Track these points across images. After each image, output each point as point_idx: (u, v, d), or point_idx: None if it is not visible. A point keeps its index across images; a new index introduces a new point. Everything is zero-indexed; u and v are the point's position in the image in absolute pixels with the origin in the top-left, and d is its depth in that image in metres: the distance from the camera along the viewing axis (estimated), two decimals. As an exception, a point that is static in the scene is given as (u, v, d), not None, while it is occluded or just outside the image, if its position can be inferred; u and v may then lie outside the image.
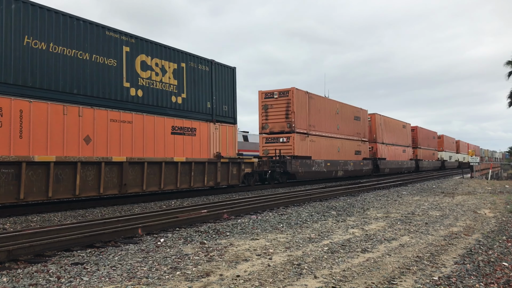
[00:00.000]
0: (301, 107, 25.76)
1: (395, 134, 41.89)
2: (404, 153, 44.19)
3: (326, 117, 28.77)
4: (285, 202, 13.91)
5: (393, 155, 40.68)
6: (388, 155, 39.31)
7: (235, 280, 5.27)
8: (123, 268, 5.87)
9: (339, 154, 30.03)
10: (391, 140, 40.62)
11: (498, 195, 18.03)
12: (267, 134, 25.93)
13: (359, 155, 33.44)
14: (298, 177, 24.95)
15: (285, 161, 23.49)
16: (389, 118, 41.07)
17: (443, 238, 8.15)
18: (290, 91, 25.10)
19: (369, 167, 34.55)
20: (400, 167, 42.14)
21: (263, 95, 26.07)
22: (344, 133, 31.13)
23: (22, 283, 5.20)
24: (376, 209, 12.69)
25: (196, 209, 11.37)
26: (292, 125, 24.96)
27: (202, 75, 18.21)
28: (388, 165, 38.64)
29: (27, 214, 11.95)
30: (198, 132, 17.76)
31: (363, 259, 6.38)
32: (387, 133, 39.86)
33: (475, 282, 5.35)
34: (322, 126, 28.23)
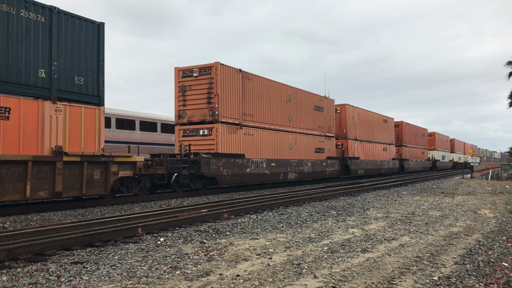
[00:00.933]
0: (230, 90, 19.88)
1: (373, 129, 36.62)
2: (385, 151, 39.07)
3: (271, 105, 22.93)
4: (285, 202, 13.91)
5: (369, 154, 35.44)
6: (362, 154, 34.13)
7: (235, 279, 5.27)
8: (123, 267, 5.86)
9: (292, 152, 24.54)
10: (367, 137, 35.32)
11: (498, 195, 18.03)
12: (184, 125, 20.05)
13: (321, 153, 27.87)
14: (223, 181, 19.12)
15: (198, 161, 17.71)
16: (365, 111, 35.76)
17: (443, 238, 8.14)
18: (213, 67, 19.24)
19: (335, 168, 29.32)
20: (378, 168, 36.93)
21: (180, 73, 20.19)
22: (299, 126, 25.65)
23: (22, 282, 5.20)
24: (376, 209, 12.69)
25: (196, 209, 11.37)
26: (215, 113, 19.06)
27: (29, 27, 12.13)
28: (362, 166, 33.43)
29: (27, 213, 11.95)
30: (16, 115, 11.69)
31: (363, 259, 6.38)
32: (362, 128, 34.60)
33: (475, 282, 5.34)
34: (265, 116, 22.43)
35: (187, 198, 16.64)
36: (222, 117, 19.38)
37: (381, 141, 38.45)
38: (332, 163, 29.06)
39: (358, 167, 32.77)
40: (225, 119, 19.57)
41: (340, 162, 30.25)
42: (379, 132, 38.18)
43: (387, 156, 39.49)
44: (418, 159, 49.92)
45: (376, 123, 37.81)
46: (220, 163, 18.72)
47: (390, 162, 39.90)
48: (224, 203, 12.95)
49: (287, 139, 24.25)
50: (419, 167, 49.49)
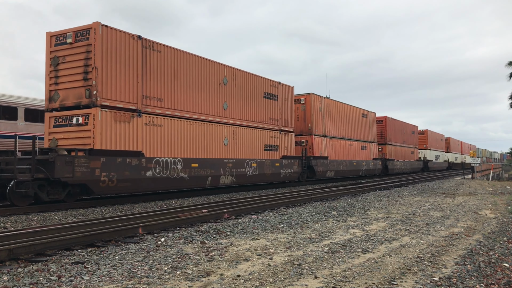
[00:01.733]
0: (121, 62, 14.81)
1: (348, 124, 32.17)
2: (364, 150, 34.43)
3: (194, 88, 17.82)
4: (286, 202, 13.90)
5: (343, 153, 30.92)
6: (334, 153, 29.51)
7: (236, 280, 5.27)
8: (123, 267, 5.87)
9: (228, 150, 19.45)
10: (340, 133, 30.94)
11: (499, 196, 18.01)
12: (55, 111, 14.83)
13: (273, 151, 23.08)
14: (101, 189, 13.69)
15: (51, 160, 12.40)
16: (339, 103, 31.29)
17: (444, 238, 8.14)
18: (91, 30, 14.17)
19: (293, 170, 24.44)
20: (355, 169, 32.31)
21: (52, 40, 14.97)
22: (240, 117, 20.55)
23: (23, 282, 5.21)
24: (377, 210, 12.68)
25: (196, 209, 11.37)
26: (92, 93, 13.92)
27: None
28: (332, 167, 28.73)
29: (28, 213, 11.96)
30: None
31: (363, 259, 6.38)
32: (334, 122, 30.13)
33: (475, 283, 5.34)
34: (183, 102, 17.30)
35: (188, 198, 16.65)
36: (104, 99, 14.14)
37: (359, 139, 33.70)
38: (289, 164, 24.00)
39: (326, 168, 27.84)
40: (110, 102, 14.34)
41: (301, 162, 25.28)
42: (356, 128, 33.45)
43: (366, 156, 34.85)
44: (407, 159, 45.19)
45: (353, 117, 33.05)
46: (94, 163, 13.31)
47: (370, 163, 35.05)
48: (225, 203, 12.95)
49: (220, 132, 19.03)
50: (407, 168, 44.62)
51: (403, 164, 43.71)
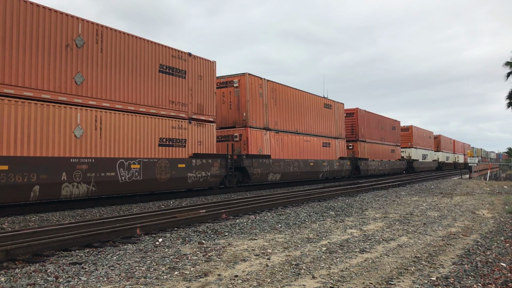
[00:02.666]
0: None
1: (304, 116, 26.72)
2: (326, 148, 29.20)
3: (17, 48, 12.01)
4: (284, 202, 13.91)
5: (296, 151, 25.48)
6: (281, 151, 23.94)
7: (233, 280, 5.28)
8: (121, 268, 5.86)
9: (83, 144, 13.53)
10: (292, 126, 25.33)
11: (496, 195, 18.06)
12: None
13: (177, 147, 17.01)
14: None
15: None
16: (290, 89, 25.56)
17: (441, 238, 8.16)
18: None
19: (211, 173, 18.43)
20: (311, 171, 26.63)
21: None
22: (110, 97, 14.57)
23: (20, 282, 5.20)
24: (375, 210, 12.70)
25: (194, 209, 11.37)
26: None
27: None
28: (277, 168, 22.94)
29: (25, 214, 11.93)
30: None
31: (361, 260, 6.39)
32: (283, 113, 24.57)
33: (473, 282, 5.35)
34: None
35: (186, 199, 16.64)
36: None
37: (320, 134, 28.48)
38: (203, 165, 18.05)
39: (268, 169, 22.14)
40: None
41: (225, 162, 19.41)
42: (317, 121, 28.16)
43: (330, 154, 29.61)
44: (385, 158, 39.61)
45: (312, 107, 27.61)
46: None
47: (334, 163, 29.57)
48: (223, 203, 12.95)
49: (68, 118, 13.14)
50: (386, 168, 39.02)
51: (381, 164, 37.84)
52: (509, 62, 42.90)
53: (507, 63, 43.07)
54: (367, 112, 36.49)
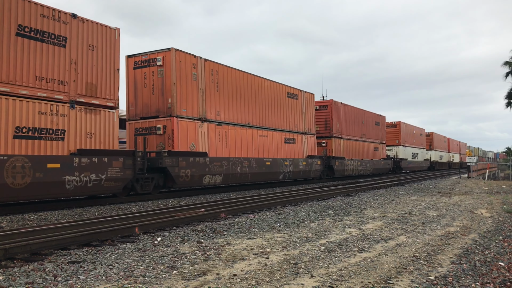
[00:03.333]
0: None
1: (259, 106, 22.30)
2: (290, 145, 24.92)
3: None
4: (283, 202, 13.91)
5: (245, 148, 20.96)
6: (224, 147, 19.47)
7: (232, 279, 5.28)
8: (119, 267, 5.86)
9: None
10: (240, 117, 20.81)
11: (495, 195, 18.09)
12: None
13: (52, 140, 12.77)
14: None
15: None
16: (239, 72, 20.99)
17: (440, 238, 8.17)
18: None
19: (109, 175, 13.90)
20: (268, 172, 22.20)
21: None
22: None
23: (19, 281, 5.19)
24: (373, 209, 12.71)
25: (193, 208, 11.37)
26: None
27: None
28: (215, 169, 18.37)
29: (24, 213, 11.92)
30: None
31: (360, 259, 6.39)
32: (228, 101, 20.01)
33: (471, 281, 5.36)
34: None
35: (184, 198, 16.63)
36: None
37: (281, 128, 24.27)
38: (94, 165, 13.50)
39: (202, 171, 17.55)
40: None
41: (131, 162, 14.73)
42: (278, 113, 23.96)
43: (295, 152, 25.53)
44: (367, 157, 35.61)
45: (270, 97, 23.27)
46: None
47: (300, 162, 25.19)
48: (221, 202, 12.95)
49: None
50: (367, 168, 34.83)
51: (360, 164, 33.73)
52: (508, 61, 42.96)
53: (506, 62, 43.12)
54: (344, 105, 32.18)
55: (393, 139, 43.98)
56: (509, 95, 45.05)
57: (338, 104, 31.50)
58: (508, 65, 43.09)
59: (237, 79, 20.98)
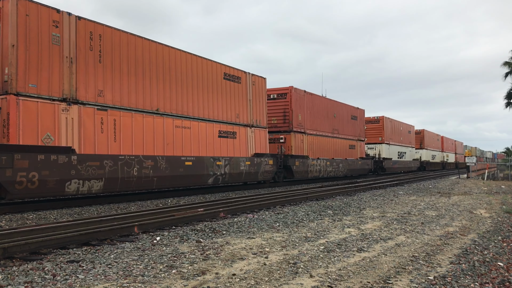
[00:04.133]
0: None
1: (174, 88, 16.98)
2: (228, 139, 19.84)
3: None
4: (282, 201, 13.91)
5: (151, 142, 15.78)
6: (104, 142, 14.14)
7: (231, 278, 5.27)
8: (118, 266, 5.86)
9: None
10: (145, 102, 15.71)
11: (494, 195, 18.10)
12: None
13: None
14: None
15: None
16: (144, 40, 15.89)
17: (439, 238, 8.17)
18: None
19: None
20: (188, 174, 17.01)
21: None
22: None
23: (17, 280, 5.19)
24: (373, 209, 12.71)
25: (192, 208, 11.36)
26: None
27: None
28: (88, 172, 13.07)
29: (23, 212, 11.91)
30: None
31: (359, 259, 6.39)
32: (120, 78, 14.89)
33: (470, 282, 5.36)
34: None
35: (184, 197, 16.63)
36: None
37: (214, 119, 18.98)
38: None
39: (65, 175, 12.52)
40: None
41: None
42: (209, 99, 18.76)
43: (237, 150, 20.38)
44: (340, 156, 30.93)
45: (196, 77, 18.02)
46: None
47: (242, 161, 20.19)
48: (220, 202, 12.94)
49: None
50: (339, 169, 30.10)
51: (330, 164, 28.88)
52: (508, 62, 42.98)
53: (506, 63, 43.14)
54: (310, 94, 27.34)
55: (375, 136, 39.01)
56: (508, 95, 45.07)
57: (300, 92, 26.16)
58: (507, 65, 43.11)
59: (139, 50, 15.59)
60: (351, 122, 33.34)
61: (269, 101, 24.82)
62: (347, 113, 32.84)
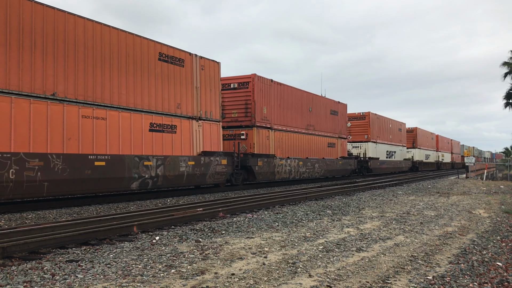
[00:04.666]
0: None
1: (77, 66, 13.14)
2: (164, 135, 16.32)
3: None
4: (281, 201, 13.91)
5: (40, 139, 12.06)
6: None
7: (230, 278, 5.28)
8: (118, 265, 5.86)
9: None
10: (10, 78, 11.41)
11: (492, 195, 18.12)
12: None
13: None
14: None
15: None
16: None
17: (437, 237, 8.18)
18: None
19: None
20: (99, 178, 13.33)
21: None
22: None
23: (16, 280, 5.18)
24: (372, 209, 12.72)
25: (191, 207, 11.36)
26: None
27: None
28: None
29: (22, 211, 11.90)
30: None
31: (358, 258, 6.40)
32: None
33: (469, 281, 5.37)
34: None
35: (183, 197, 16.63)
36: None
37: (144, 108, 15.58)
38: None
39: None
40: None
41: None
42: (136, 84, 15.36)
43: (176, 147, 16.93)
44: (316, 155, 27.42)
45: (117, 56, 14.58)
46: None
47: (183, 161, 16.81)
48: (220, 202, 12.95)
49: None
50: (315, 170, 26.78)
51: (304, 164, 25.39)
52: (507, 62, 43.02)
53: (505, 63, 43.18)
54: (278, 84, 23.71)
55: (361, 134, 35.59)
56: (507, 95, 45.12)
57: (266, 81, 22.63)
58: (507, 66, 43.15)
59: (26, 14, 12.02)
60: (331, 117, 29.99)
61: (229, 91, 22.16)
62: (325, 107, 29.19)
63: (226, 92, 22.01)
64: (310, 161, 26.23)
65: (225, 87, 21.97)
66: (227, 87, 22.15)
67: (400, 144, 43.99)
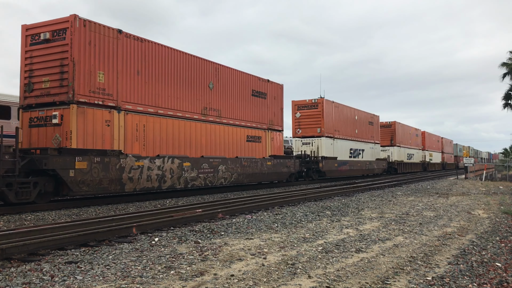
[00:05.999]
0: None
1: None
2: None
3: None
4: (280, 202, 13.91)
5: None
6: None
7: (229, 279, 5.27)
8: (117, 267, 5.85)
9: None
10: None
11: (492, 196, 18.14)
12: None
13: None
14: None
15: None
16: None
17: (437, 238, 8.18)
18: None
19: None
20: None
21: None
22: None
23: (15, 281, 5.18)
24: (371, 209, 12.72)
25: (191, 209, 11.35)
26: None
27: None
28: None
29: (21, 213, 11.88)
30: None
31: (357, 259, 6.40)
32: None
33: (468, 282, 5.37)
34: None
35: (182, 198, 16.62)
36: None
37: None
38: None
39: None
40: None
41: None
42: None
43: None
44: (221, 153, 19.15)
45: None
46: None
47: None
48: (219, 203, 12.93)
49: None
50: (216, 175, 17.71)
51: (193, 166, 17.08)
52: (505, 63, 43.05)
53: (503, 64, 43.22)
54: (133, 39, 15.06)
55: (313, 127, 29.09)
56: (506, 96, 45.15)
57: (104, 30, 14.02)
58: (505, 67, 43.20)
59: None
60: (254, 101, 22.11)
61: (39, 46, 13.86)
62: (241, 85, 21.15)
63: (34, 48, 13.91)
64: (208, 161, 18.25)
65: (35, 39, 13.92)
66: (37, 39, 13.88)
67: (371, 141, 36.64)
